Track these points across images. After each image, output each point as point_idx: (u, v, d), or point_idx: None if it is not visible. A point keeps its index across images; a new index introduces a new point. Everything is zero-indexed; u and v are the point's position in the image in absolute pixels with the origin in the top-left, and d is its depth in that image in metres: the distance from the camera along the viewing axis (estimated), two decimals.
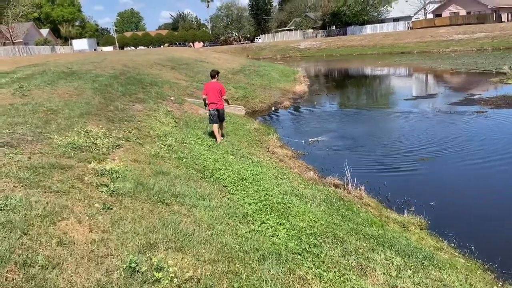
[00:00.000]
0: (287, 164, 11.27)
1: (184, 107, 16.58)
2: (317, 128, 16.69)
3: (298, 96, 25.92)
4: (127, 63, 23.34)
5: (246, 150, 11.59)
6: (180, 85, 21.53)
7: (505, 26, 62.07)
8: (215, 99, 12.06)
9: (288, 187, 8.47)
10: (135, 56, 28.65)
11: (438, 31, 68.17)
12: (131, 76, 19.65)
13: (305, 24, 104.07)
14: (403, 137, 14.41)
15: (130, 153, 8.72)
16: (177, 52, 35.95)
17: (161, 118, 13.37)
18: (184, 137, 11.49)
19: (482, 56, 44.54)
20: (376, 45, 71.36)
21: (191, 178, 7.96)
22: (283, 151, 12.73)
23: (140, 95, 16.14)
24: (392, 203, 8.85)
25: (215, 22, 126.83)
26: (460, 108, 18.24)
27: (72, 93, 14.06)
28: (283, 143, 14.27)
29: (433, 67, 38.52)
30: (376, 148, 13.37)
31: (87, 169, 7.00)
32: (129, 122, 11.66)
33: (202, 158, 9.73)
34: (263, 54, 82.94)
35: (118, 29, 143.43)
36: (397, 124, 16.84)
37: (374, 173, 10.88)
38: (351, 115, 19.79)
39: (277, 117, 19.65)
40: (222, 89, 12.26)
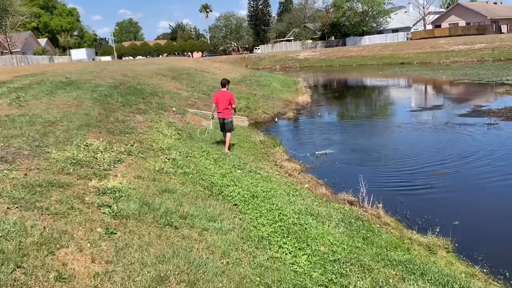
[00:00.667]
0: (297, 178, 10.73)
1: (186, 118, 16.06)
2: (323, 140, 16.19)
3: (301, 107, 25.42)
4: (127, 73, 22.85)
5: (253, 164, 11.05)
6: (181, 95, 21.05)
7: (505, 37, 61.93)
8: (222, 108, 12.16)
9: (302, 205, 7.92)
10: (135, 65, 28.19)
11: (438, 42, 67.99)
12: (131, 86, 19.15)
13: (304, 34, 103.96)
14: (415, 150, 13.88)
15: (133, 168, 8.17)
16: (178, 62, 35.51)
17: (163, 130, 12.84)
18: (189, 150, 10.95)
19: (484, 67, 44.24)
20: (376, 55, 71.07)
21: (199, 196, 7.41)
22: (291, 164, 12.20)
23: (141, 105, 15.62)
24: (412, 222, 8.29)
25: (214, 32, 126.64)
26: (469, 120, 17.75)
27: (71, 104, 13.55)
28: (290, 156, 13.73)
29: (435, 78, 38.14)
30: (388, 161, 12.85)
31: (88, 187, 6.45)
32: (131, 134, 11.13)
33: (209, 173, 9.19)
34: (262, 65, 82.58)
35: (117, 39, 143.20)
36: (407, 136, 16.31)
37: (388, 189, 10.34)
38: (357, 127, 19.27)
39: (281, 128, 19.14)
40: (231, 98, 12.26)
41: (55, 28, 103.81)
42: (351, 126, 19.51)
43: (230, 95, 12.35)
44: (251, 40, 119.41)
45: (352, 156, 13.81)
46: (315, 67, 72.90)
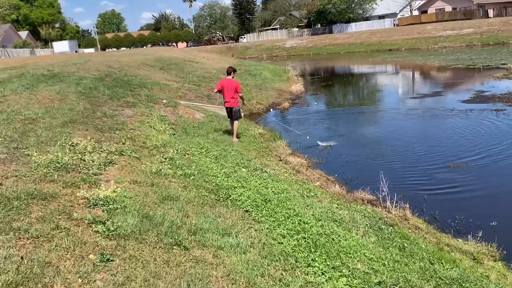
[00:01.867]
0: (306, 175, 9.79)
1: (178, 110, 14.96)
2: (324, 130, 15.26)
3: (295, 96, 24.44)
4: (112, 64, 21.64)
5: (257, 161, 10.07)
6: (171, 86, 19.92)
7: (493, 22, 61.49)
8: (229, 97, 12.02)
9: (321, 208, 6.98)
10: (120, 56, 26.91)
11: (425, 28, 67.36)
12: (118, 77, 17.99)
13: (290, 22, 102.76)
14: (426, 140, 13.00)
15: (127, 171, 7.14)
16: (164, 52, 34.24)
17: (155, 124, 11.78)
18: (186, 147, 9.93)
19: (474, 52, 43.65)
20: (363, 42, 70.30)
21: (205, 202, 6.42)
22: (296, 159, 11.25)
23: (129, 98, 14.52)
24: (443, 224, 7.39)
25: (198, 22, 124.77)
26: (475, 106, 16.93)
27: (54, 98, 12.43)
28: (293, 149, 12.77)
29: (428, 64, 37.39)
30: (399, 153, 11.95)
31: (76, 198, 5.42)
32: (121, 131, 10.06)
33: (212, 173, 8.19)
34: (248, 54, 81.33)
35: (99, 30, 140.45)
36: (414, 124, 15.44)
37: (406, 185, 9.43)
38: (359, 115, 18.40)
39: (278, 119, 18.15)
40: (237, 86, 12.08)
41: (35, 20, 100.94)
42: (352, 115, 18.62)
43: (236, 83, 12.11)
44: (236, 29, 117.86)
45: (359, 148, 12.89)
46: (303, 56, 71.89)
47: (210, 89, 21.60)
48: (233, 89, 11.95)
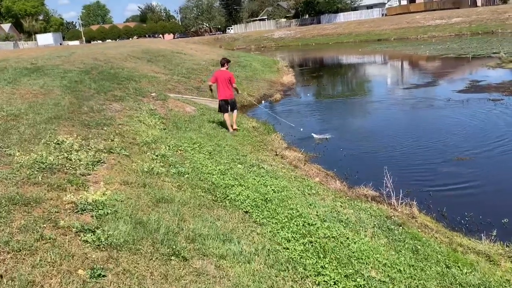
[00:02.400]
0: (304, 171, 9.38)
1: (168, 104, 14.44)
2: (319, 122, 14.86)
3: (287, 87, 23.98)
4: (98, 57, 21.00)
5: (253, 156, 9.64)
6: (160, 79, 19.37)
7: (481, 11, 61.47)
8: (223, 89, 11.98)
9: (324, 207, 6.58)
10: (106, 49, 26.22)
11: (414, 17, 67.16)
12: (104, 70, 17.41)
13: (277, 13, 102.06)
14: (425, 132, 12.63)
15: (117, 171, 6.67)
16: (152, 44, 33.56)
17: (145, 119, 11.28)
18: (178, 143, 9.47)
19: (464, 41, 43.49)
20: (352, 33, 69.95)
21: (202, 204, 5.98)
22: (293, 153, 10.83)
23: (117, 92, 13.98)
24: (453, 222, 7.01)
25: (184, 13, 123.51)
26: (471, 96, 16.62)
27: (38, 93, 11.88)
28: (288, 143, 12.35)
29: (419, 54, 37.11)
30: (398, 145, 11.57)
31: (62, 203, 4.96)
32: (109, 126, 9.56)
33: (206, 170, 7.75)
34: (236, 45, 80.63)
35: (84, 22, 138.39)
36: (410, 115, 15.10)
37: (408, 179, 9.05)
38: (352, 106, 18.05)
39: (270, 111, 17.70)
40: (231, 77, 12.00)
41: (18, 12, 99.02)
42: (346, 106, 18.26)
43: (230, 75, 12.04)
44: (223, 20, 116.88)
45: (356, 140, 12.49)
46: (291, 46, 71.35)
47: (200, 81, 21.10)
48: (227, 81, 11.92)
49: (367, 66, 36.23)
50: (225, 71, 12.06)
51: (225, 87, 11.97)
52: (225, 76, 11.90)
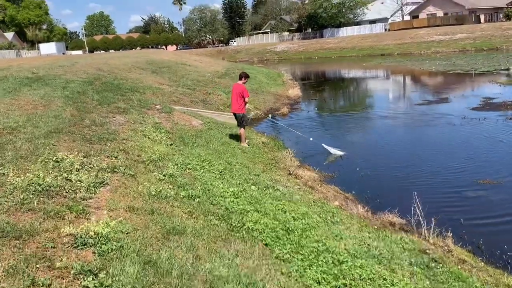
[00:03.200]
0: (321, 193, 8.71)
1: (173, 117, 13.81)
2: (331, 139, 14.12)
3: (293, 101, 23.39)
4: (102, 67, 20.44)
5: (266, 176, 8.98)
6: (164, 90, 18.78)
7: (485, 27, 61.19)
8: (234, 102, 12.02)
9: (352, 239, 5.91)
10: (109, 59, 25.69)
11: (417, 33, 66.89)
12: (108, 81, 16.82)
13: (280, 27, 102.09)
14: (443, 150, 11.99)
15: (121, 194, 6.01)
16: (155, 55, 33.05)
17: (150, 133, 10.63)
18: (186, 160, 8.81)
19: (469, 57, 43.05)
20: (355, 47, 69.71)
21: (217, 235, 5.31)
22: (307, 173, 10.17)
23: (120, 103, 13.36)
24: (493, 257, 6.31)
25: (188, 25, 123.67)
26: (487, 114, 15.98)
27: (38, 104, 11.27)
28: (300, 159, 11.70)
29: (425, 69, 36.60)
30: (418, 165, 10.91)
31: (60, 237, 4.29)
32: (112, 141, 8.91)
33: (218, 193, 7.09)
34: (239, 57, 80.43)
35: (88, 32, 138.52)
36: (426, 132, 14.41)
37: (434, 204, 8.32)
38: (363, 121, 17.42)
39: (278, 126, 17.06)
40: (243, 91, 11.74)
41: (22, 21, 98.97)
42: (357, 121, 17.62)
43: (243, 88, 11.77)
44: (226, 32, 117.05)
45: (372, 159, 11.84)
46: (294, 60, 71.08)
47: (205, 94, 20.52)
48: (239, 94, 11.73)
49: (373, 81, 35.75)
50: (240, 84, 11.89)
51: (235, 100, 11.92)
52: (238, 90, 11.80)
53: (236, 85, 12.08)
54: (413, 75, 34.83)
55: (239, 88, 11.81)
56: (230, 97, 20.99)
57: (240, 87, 11.83)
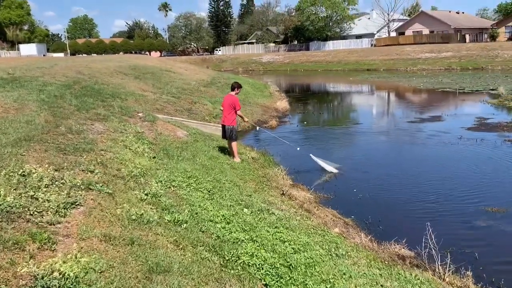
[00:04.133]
0: (319, 217, 7.93)
1: (157, 126, 12.91)
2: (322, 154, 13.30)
3: (281, 114, 22.66)
4: (82, 70, 19.49)
5: (258, 197, 8.17)
6: (148, 98, 17.89)
7: (471, 47, 61.70)
8: (225, 114, 11.19)
9: (362, 277, 5.13)
10: (91, 62, 24.68)
11: (404, 49, 67.16)
12: (88, 85, 15.88)
13: (266, 37, 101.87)
14: (442, 172, 11.33)
15: (96, 218, 5.13)
16: (140, 60, 32.10)
17: (132, 144, 9.74)
18: (170, 176, 7.96)
19: (456, 76, 43.07)
20: (341, 61, 69.65)
21: (208, 273, 4.47)
22: (301, 193, 9.40)
23: (100, 110, 12.46)
24: None
25: (173, 32, 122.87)
26: (483, 134, 15.43)
27: (9, 107, 10.36)
28: (292, 177, 10.92)
29: (413, 86, 36.33)
30: (416, 186, 10.23)
31: (15, 277, 3.41)
32: (89, 152, 8.01)
33: (208, 216, 6.25)
34: (224, 66, 79.78)
35: (70, 35, 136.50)
36: (423, 152, 13.73)
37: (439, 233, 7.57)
38: (357, 138, 16.74)
39: (266, 139, 16.29)
40: (234, 102, 11.01)
41: (3, 21, 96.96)
42: (350, 137, 16.99)
43: (234, 99, 11.06)
44: (212, 41, 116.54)
45: (368, 177, 11.15)
46: (279, 71, 70.70)
47: (190, 103, 19.68)
48: (230, 106, 11.01)
49: (362, 96, 35.37)
50: (232, 95, 11.29)
51: (226, 112, 11.16)
52: (229, 101, 11.12)
53: (227, 96, 11.37)
54: (402, 92, 34.48)
55: (230, 99, 11.11)
56: (216, 107, 20.36)
57: (232, 98, 11.13)
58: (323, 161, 12.08)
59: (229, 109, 11.02)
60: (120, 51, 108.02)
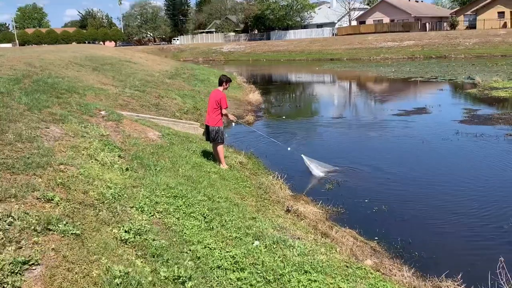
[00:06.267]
0: (341, 243, 6.36)
1: (124, 126, 11.00)
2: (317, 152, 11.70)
3: (256, 107, 20.97)
4: (33, 62, 17.18)
5: (265, 219, 6.52)
6: (109, 92, 15.87)
7: (433, 35, 61.77)
8: (209, 112, 9.64)
9: None
10: (43, 53, 22.26)
11: (366, 38, 66.71)
12: (40, 79, 13.75)
13: (226, 27, 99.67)
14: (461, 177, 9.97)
15: (58, 283, 3.38)
16: (96, 50, 29.68)
17: (97, 152, 7.90)
18: (152, 197, 6.23)
19: (422, 65, 42.56)
20: (304, 50, 68.59)
21: None
22: (308, 208, 7.81)
23: (56, 108, 10.48)
24: None
25: (128, 21, 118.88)
26: (480, 128, 14.27)
27: None
28: (289, 185, 9.34)
29: (382, 75, 35.36)
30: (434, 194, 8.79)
31: None
32: (45, 169, 6.15)
33: (215, 263, 4.59)
34: (183, 56, 77.28)
35: (19, 25, 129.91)
36: (425, 151, 12.30)
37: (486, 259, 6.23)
38: (345, 132, 15.26)
39: (248, 137, 14.61)
40: (221, 99, 9.33)
41: None
42: (338, 132, 15.50)
43: (221, 96, 9.37)
44: (169, 30, 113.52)
45: (376, 181, 9.70)
46: (241, 61, 68.95)
47: (157, 97, 17.74)
48: (216, 103, 9.33)
49: (333, 86, 34.28)
50: (218, 91, 9.56)
51: (211, 110, 9.53)
52: (215, 97, 9.41)
53: (214, 92, 9.63)
54: (374, 82, 33.39)
55: (216, 96, 9.41)
56: (186, 101, 18.50)
57: (218, 94, 9.42)
58: (316, 163, 10.57)
59: (214, 107, 9.36)
60: (72, 41, 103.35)
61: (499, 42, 52.75)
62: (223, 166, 9.46)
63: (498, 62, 39.88)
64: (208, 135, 9.59)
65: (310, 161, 10.58)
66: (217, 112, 9.32)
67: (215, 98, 9.34)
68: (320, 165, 10.57)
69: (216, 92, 9.50)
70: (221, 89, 9.55)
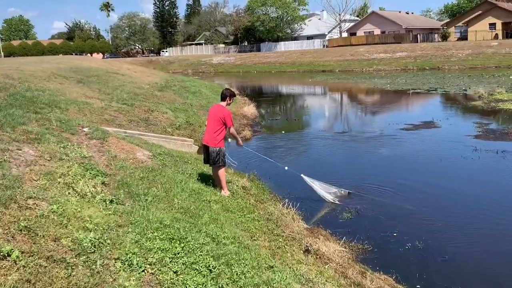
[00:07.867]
0: None
1: (109, 146, 9.60)
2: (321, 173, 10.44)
3: (251, 121, 19.73)
4: (12, 74, 15.82)
5: (284, 269, 5.23)
6: (94, 106, 14.54)
7: (425, 47, 61.22)
8: (209, 130, 8.22)
9: None
10: (24, 64, 20.88)
11: (357, 50, 66.06)
12: (17, 92, 12.43)
13: (215, 38, 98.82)
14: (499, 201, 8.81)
15: None
16: (82, 61, 28.32)
17: (76, 180, 6.55)
18: (142, 240, 4.93)
19: (418, 76, 41.80)
20: (295, 62, 67.71)
21: None
22: (329, 245, 6.53)
23: (33, 125, 9.09)
24: None
25: (116, 33, 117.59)
26: (498, 145, 13.12)
27: None
28: (300, 214, 8.05)
29: (379, 87, 34.33)
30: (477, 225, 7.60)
31: None
32: (7, 207, 4.83)
33: None
34: (172, 68, 76.00)
35: (5, 37, 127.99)
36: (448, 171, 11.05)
37: None
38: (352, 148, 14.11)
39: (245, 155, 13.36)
40: (226, 116, 8.01)
41: None
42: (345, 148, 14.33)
43: (224, 113, 8.05)
44: (157, 42, 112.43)
45: (397, 210, 8.44)
46: (231, 73, 67.87)
47: (146, 111, 16.41)
48: (219, 120, 8.05)
49: (330, 99, 33.08)
50: (221, 107, 8.24)
51: (212, 129, 8.13)
52: (218, 114, 8.07)
53: (216, 108, 8.28)
54: (372, 93, 32.33)
55: (220, 112, 8.05)
56: (178, 115, 17.16)
57: (222, 110, 8.09)
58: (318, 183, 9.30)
59: (217, 125, 8.02)
60: (59, 53, 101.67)
61: (492, 53, 52.27)
62: (225, 192, 8.16)
63: (495, 73, 39.21)
64: (208, 157, 8.24)
65: (311, 181, 9.34)
66: (219, 131, 8.02)
67: (219, 115, 8.02)
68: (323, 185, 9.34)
69: (219, 108, 8.20)
70: (224, 104, 8.26)
